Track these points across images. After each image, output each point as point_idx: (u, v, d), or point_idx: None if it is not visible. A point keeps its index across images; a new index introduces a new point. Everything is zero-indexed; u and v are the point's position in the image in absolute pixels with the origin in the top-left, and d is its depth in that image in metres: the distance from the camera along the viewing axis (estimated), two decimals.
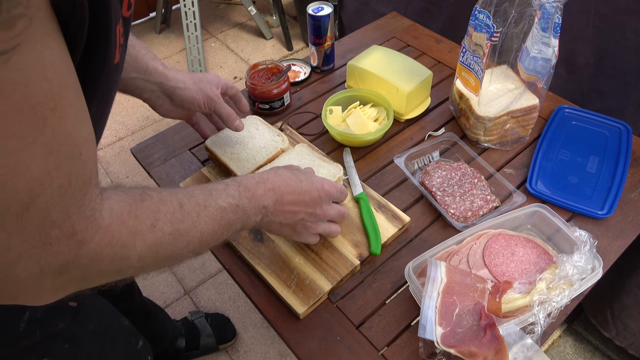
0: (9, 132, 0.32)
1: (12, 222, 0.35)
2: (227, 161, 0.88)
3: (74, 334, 0.71)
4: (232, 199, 0.56)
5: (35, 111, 0.33)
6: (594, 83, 1.11)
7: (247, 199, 0.59)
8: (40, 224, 0.36)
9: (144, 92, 0.79)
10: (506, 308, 0.66)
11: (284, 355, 1.47)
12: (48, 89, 0.33)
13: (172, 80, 0.79)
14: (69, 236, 0.38)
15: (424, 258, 0.73)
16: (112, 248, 0.42)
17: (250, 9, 2.51)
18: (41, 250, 0.37)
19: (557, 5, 0.78)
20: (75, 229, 0.38)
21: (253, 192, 0.60)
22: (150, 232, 0.46)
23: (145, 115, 2.27)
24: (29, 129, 0.33)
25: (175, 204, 0.50)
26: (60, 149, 0.35)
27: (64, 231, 0.38)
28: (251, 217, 0.60)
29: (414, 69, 1.01)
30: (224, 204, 0.55)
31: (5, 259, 0.36)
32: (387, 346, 0.70)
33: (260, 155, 0.89)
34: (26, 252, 0.36)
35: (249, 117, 0.96)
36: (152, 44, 2.65)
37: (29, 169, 0.34)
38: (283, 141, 0.91)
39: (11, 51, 0.30)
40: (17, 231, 0.35)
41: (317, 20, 1.05)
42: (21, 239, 0.36)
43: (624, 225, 0.83)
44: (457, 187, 0.86)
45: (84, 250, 0.40)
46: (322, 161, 0.87)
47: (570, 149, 0.94)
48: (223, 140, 0.91)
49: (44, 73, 0.33)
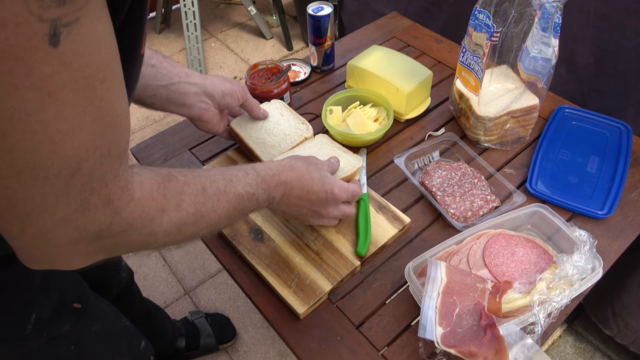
0: (66, 99, 0.33)
1: (60, 186, 0.36)
2: (253, 146, 0.90)
3: (79, 335, 0.72)
4: (249, 188, 0.59)
5: (87, 81, 0.34)
6: (594, 83, 1.11)
7: (262, 189, 0.61)
8: (83, 189, 0.38)
9: (188, 97, 0.80)
10: (506, 308, 0.66)
11: (284, 355, 1.47)
12: (99, 61, 0.35)
13: (208, 79, 0.82)
14: (106, 204, 0.40)
15: (424, 258, 0.73)
16: (142, 221, 0.44)
17: (250, 9, 2.51)
18: (81, 216, 0.39)
19: (557, 5, 0.78)
20: (111, 197, 0.40)
21: (268, 184, 0.63)
22: (176, 211, 0.48)
23: (145, 115, 2.27)
24: (81, 98, 0.34)
25: (199, 187, 0.53)
26: (104, 119, 0.37)
27: (101, 198, 0.39)
28: (261, 204, 0.63)
29: (414, 69, 1.01)
30: (242, 192, 0.58)
31: (50, 222, 0.38)
32: (387, 346, 0.70)
33: (285, 142, 0.91)
34: (68, 217, 0.38)
35: (273, 101, 0.97)
36: (152, 43, 2.64)
37: (78, 135, 0.35)
38: (307, 129, 0.92)
39: (73, 23, 0.32)
40: (63, 195, 0.37)
41: (317, 20, 1.05)
42: (65, 203, 0.37)
43: (624, 225, 0.83)
44: (457, 187, 0.86)
45: (117, 219, 0.42)
46: (342, 152, 0.88)
47: (571, 149, 0.94)
48: (247, 123, 0.93)
49: (97, 47, 0.35)
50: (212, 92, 0.81)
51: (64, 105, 0.34)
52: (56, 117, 0.34)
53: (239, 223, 0.81)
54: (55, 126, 0.34)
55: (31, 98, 0.32)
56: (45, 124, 0.33)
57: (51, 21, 0.30)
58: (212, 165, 0.92)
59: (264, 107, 0.95)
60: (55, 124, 0.34)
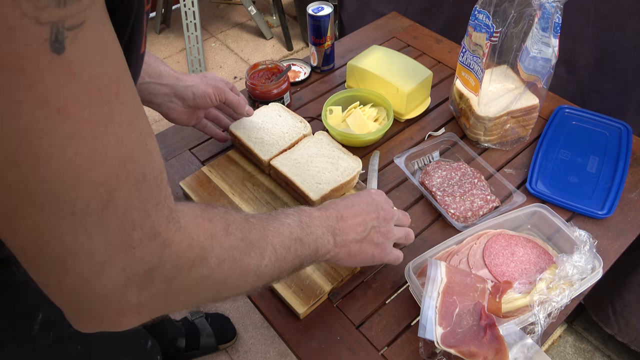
0: (81, 116, 0.29)
1: (93, 222, 0.31)
2: (251, 145, 0.89)
3: (86, 335, 0.72)
4: (292, 217, 0.56)
5: (102, 95, 0.30)
6: (594, 83, 1.11)
7: (306, 216, 0.58)
8: (121, 223, 0.33)
9: (157, 97, 0.80)
10: (506, 308, 0.66)
11: (284, 355, 1.47)
12: (110, 71, 0.30)
13: (182, 80, 0.81)
14: (151, 237, 0.35)
15: (424, 258, 0.73)
16: (192, 250, 0.39)
17: (250, 9, 2.51)
18: (125, 256, 0.34)
19: (557, 5, 0.78)
20: (156, 230, 0.35)
21: (310, 212, 0.59)
22: (225, 236, 0.44)
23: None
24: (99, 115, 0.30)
25: (240, 216, 0.48)
26: (128, 137, 0.32)
27: (145, 232, 0.34)
28: (321, 237, 0.58)
29: (414, 69, 1.01)
30: (286, 220, 0.54)
31: (89, 267, 0.33)
32: (387, 346, 0.70)
33: (284, 140, 0.90)
34: (110, 258, 0.33)
35: (271, 105, 0.97)
36: (152, 43, 2.64)
37: (104, 159, 0.30)
38: (305, 127, 0.92)
39: (79, 26, 0.28)
40: (99, 233, 0.32)
41: (317, 20, 1.05)
42: (103, 242, 0.32)
43: (624, 225, 0.83)
44: (457, 187, 0.86)
45: (167, 253, 0.37)
46: (341, 152, 0.88)
47: (570, 149, 0.94)
48: (246, 125, 0.93)
49: (105, 54, 0.30)
50: (183, 95, 0.81)
51: (79, 124, 0.29)
52: (72, 138, 0.29)
53: None
54: (73, 149, 0.29)
55: (39, 117, 0.27)
56: (60, 147, 0.28)
57: (51, 24, 0.26)
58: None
59: (261, 110, 0.95)
60: (73, 146, 0.29)
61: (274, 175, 0.88)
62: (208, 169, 0.91)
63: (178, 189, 0.90)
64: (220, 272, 0.43)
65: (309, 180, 0.82)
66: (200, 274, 0.41)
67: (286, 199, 0.86)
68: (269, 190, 0.87)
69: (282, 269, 0.52)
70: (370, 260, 0.66)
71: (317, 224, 0.58)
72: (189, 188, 0.88)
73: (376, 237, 0.65)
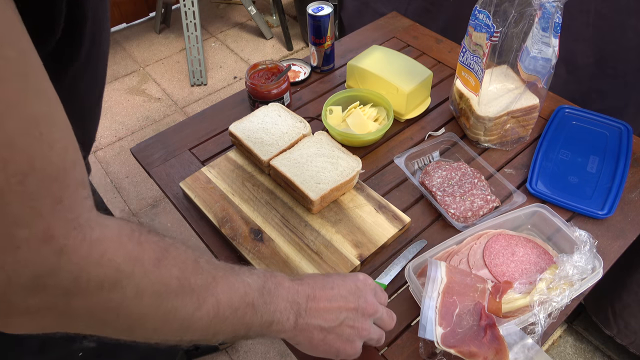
0: None
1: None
2: (251, 145, 0.89)
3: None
4: (256, 277, 0.49)
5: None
6: (594, 83, 1.11)
7: (273, 283, 0.50)
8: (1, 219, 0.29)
9: None
10: (506, 308, 0.66)
11: (284, 355, 1.47)
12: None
13: None
14: (43, 240, 0.31)
15: (424, 258, 0.73)
16: (101, 268, 0.34)
17: (250, 8, 2.51)
18: (6, 254, 0.30)
19: (557, 5, 0.78)
20: (51, 233, 0.31)
21: (280, 280, 0.51)
22: (154, 267, 0.38)
23: (145, 115, 2.27)
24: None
25: (189, 255, 0.42)
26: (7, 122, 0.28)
27: (35, 233, 0.31)
28: (281, 312, 0.50)
29: (414, 69, 1.01)
30: (247, 279, 0.47)
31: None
32: (387, 346, 0.70)
33: (283, 140, 0.90)
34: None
35: (271, 105, 0.97)
36: (152, 43, 2.64)
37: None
38: (305, 127, 0.92)
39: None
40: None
41: (317, 20, 1.05)
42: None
43: (624, 225, 0.83)
44: (457, 187, 0.86)
45: (65, 262, 0.32)
46: (341, 152, 0.87)
47: (571, 149, 0.94)
48: (246, 126, 0.93)
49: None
50: None
51: None
52: None
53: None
54: None
55: None
56: None
57: None
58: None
59: (261, 110, 0.95)
60: None
61: (273, 175, 0.88)
62: (208, 169, 0.91)
63: (178, 189, 0.90)
64: (138, 306, 0.37)
65: (308, 180, 0.82)
66: (109, 299, 0.35)
67: (286, 199, 0.86)
68: (268, 190, 0.87)
69: (220, 330, 0.45)
70: (333, 355, 0.56)
71: (283, 296, 0.50)
72: (189, 188, 0.88)
73: (347, 331, 0.55)
